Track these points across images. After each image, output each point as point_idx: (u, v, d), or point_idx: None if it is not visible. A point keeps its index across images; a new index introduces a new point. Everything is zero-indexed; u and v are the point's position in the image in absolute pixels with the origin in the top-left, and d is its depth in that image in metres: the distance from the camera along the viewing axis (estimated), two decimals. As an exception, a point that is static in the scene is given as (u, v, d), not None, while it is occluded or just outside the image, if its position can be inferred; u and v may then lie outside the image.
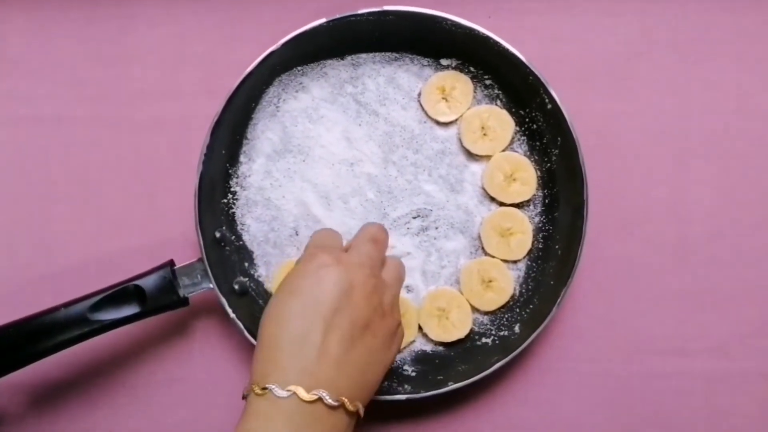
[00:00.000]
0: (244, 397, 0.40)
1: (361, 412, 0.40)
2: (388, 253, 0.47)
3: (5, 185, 0.57)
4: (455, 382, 0.51)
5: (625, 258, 0.56)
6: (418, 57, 0.57)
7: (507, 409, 0.54)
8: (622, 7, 0.58)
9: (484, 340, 0.54)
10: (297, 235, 0.56)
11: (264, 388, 0.38)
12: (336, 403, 0.38)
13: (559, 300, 0.51)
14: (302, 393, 0.37)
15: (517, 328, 0.54)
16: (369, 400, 0.41)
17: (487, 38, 0.53)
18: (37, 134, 0.58)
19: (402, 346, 0.54)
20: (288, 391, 0.37)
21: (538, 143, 0.56)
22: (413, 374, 0.54)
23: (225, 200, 0.56)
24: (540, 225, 0.56)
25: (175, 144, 0.57)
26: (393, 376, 0.53)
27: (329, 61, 0.57)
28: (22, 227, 0.57)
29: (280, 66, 0.55)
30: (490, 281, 0.54)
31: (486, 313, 0.55)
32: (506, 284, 0.54)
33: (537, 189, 0.56)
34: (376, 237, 0.45)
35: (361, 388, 0.40)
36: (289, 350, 0.39)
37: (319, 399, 0.38)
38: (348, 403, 0.39)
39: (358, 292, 0.41)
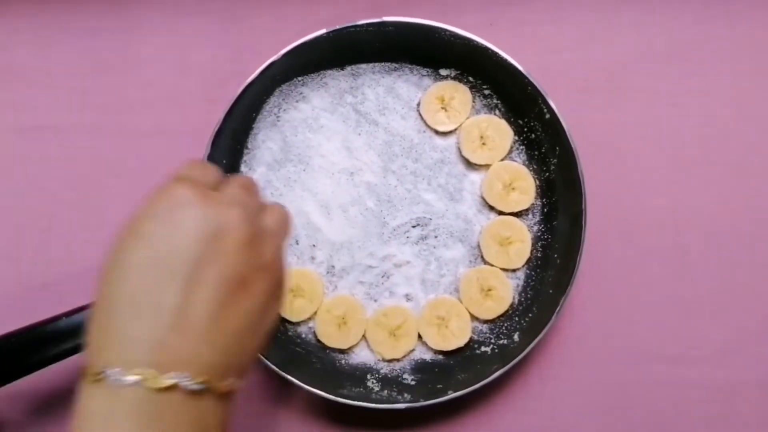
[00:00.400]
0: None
1: (236, 387, 0.31)
2: (389, 263, 0.46)
3: (8, 193, 0.58)
4: (455, 391, 0.51)
5: (623, 266, 0.56)
6: (418, 67, 0.57)
7: (507, 417, 0.55)
8: (620, 18, 0.59)
9: (483, 348, 0.55)
10: (297, 244, 0.56)
11: (99, 373, 0.27)
12: (200, 387, 0.28)
13: (558, 308, 0.52)
14: (153, 378, 0.27)
15: (516, 337, 0.54)
16: (246, 372, 0.32)
17: (486, 49, 0.53)
18: (39, 143, 0.58)
19: (401, 355, 0.54)
20: (134, 375, 0.27)
21: (536, 152, 0.56)
22: (413, 383, 0.54)
23: (226, 209, 0.56)
24: (539, 234, 0.56)
25: (176, 153, 0.57)
26: (393, 384, 0.54)
27: (329, 72, 0.57)
28: (24, 236, 0.57)
29: (281, 76, 0.56)
30: (490, 290, 0.55)
31: (485, 321, 0.55)
32: (505, 293, 0.55)
33: (536, 198, 0.56)
34: (244, 183, 0.35)
35: (237, 361, 0.31)
36: (134, 316, 0.28)
37: (176, 385, 0.28)
38: (217, 383, 0.29)
39: (230, 239, 0.31)
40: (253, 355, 0.33)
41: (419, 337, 0.55)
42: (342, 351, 0.55)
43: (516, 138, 0.57)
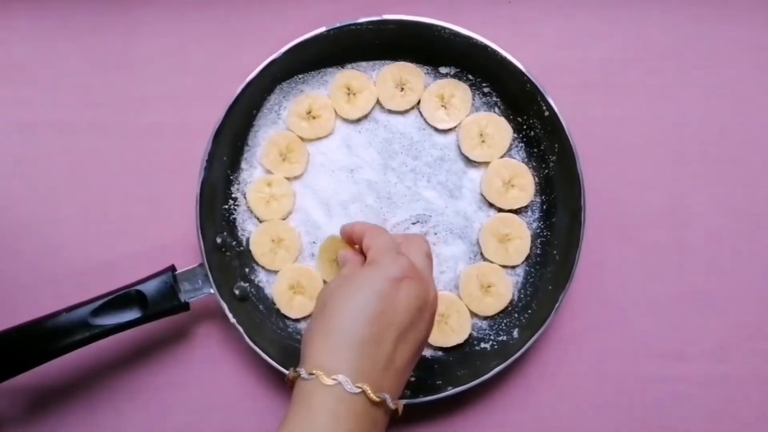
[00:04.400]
0: (291, 380, 0.40)
1: (401, 407, 0.42)
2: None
3: (8, 190, 0.58)
4: (454, 387, 0.51)
5: (622, 263, 0.56)
6: (418, 65, 0.57)
7: (506, 413, 0.55)
8: (619, 15, 0.59)
9: (482, 345, 0.55)
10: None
11: (335, 378, 0.38)
12: (394, 407, 0.40)
13: (557, 305, 0.52)
14: (371, 393, 0.38)
15: (515, 333, 0.54)
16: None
17: (486, 47, 0.53)
18: (40, 140, 0.58)
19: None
20: (358, 388, 0.38)
21: (535, 150, 0.56)
22: (412, 379, 0.54)
23: (226, 206, 0.56)
24: (538, 230, 0.56)
25: (176, 150, 0.58)
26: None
27: (329, 69, 0.57)
28: (25, 232, 0.57)
29: (281, 74, 0.56)
30: (489, 286, 0.55)
31: (485, 318, 0.55)
32: (505, 289, 0.55)
33: (535, 195, 0.56)
34: (425, 249, 0.46)
35: (402, 388, 0.42)
36: (361, 348, 0.39)
37: (384, 401, 0.39)
38: (400, 408, 0.41)
39: (429, 311, 0.42)
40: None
41: (419, 333, 0.55)
42: (342, 347, 0.55)
43: (515, 135, 0.57)
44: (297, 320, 0.56)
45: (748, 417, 0.55)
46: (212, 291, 0.52)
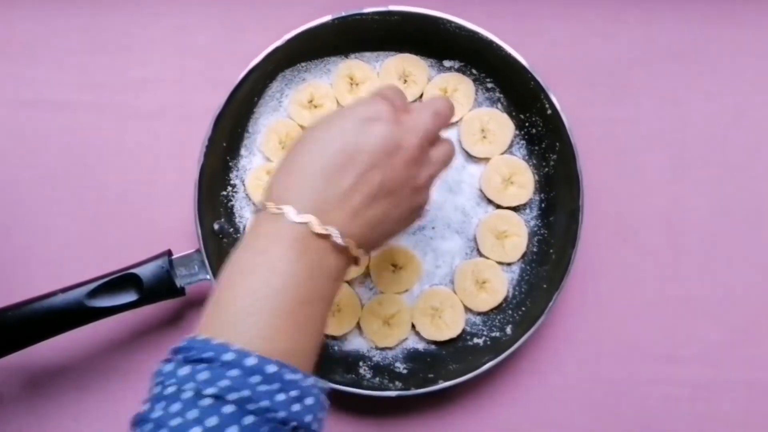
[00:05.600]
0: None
1: (362, 257, 0.40)
2: None
3: (5, 169, 0.58)
4: (445, 381, 0.52)
5: (617, 264, 0.56)
6: (422, 57, 0.57)
7: (495, 408, 0.55)
8: (625, 15, 0.58)
9: (475, 340, 0.55)
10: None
11: (279, 208, 0.37)
12: (342, 244, 0.38)
13: (551, 303, 0.52)
14: (315, 224, 0.37)
15: (508, 330, 0.54)
16: (368, 252, 0.42)
17: (491, 42, 0.53)
18: (39, 119, 0.58)
19: (394, 344, 0.55)
20: (304, 218, 0.37)
21: (536, 147, 0.56)
22: (404, 371, 0.54)
23: (224, 193, 0.56)
24: (535, 228, 0.56)
25: (176, 135, 0.58)
26: (384, 372, 0.54)
27: (333, 58, 0.57)
28: (22, 211, 0.57)
29: (284, 61, 0.56)
30: (484, 282, 0.55)
31: (479, 313, 0.56)
32: (500, 286, 0.55)
33: (534, 193, 0.56)
34: (440, 111, 0.43)
35: (367, 242, 0.40)
36: (315, 183, 0.38)
37: (329, 235, 0.37)
38: (353, 248, 0.39)
39: (401, 156, 0.40)
40: (377, 246, 0.42)
41: (413, 326, 0.55)
42: (335, 337, 0.55)
43: (517, 132, 0.57)
44: (292, 309, 0.56)
45: (737, 422, 0.55)
46: (208, 277, 0.52)
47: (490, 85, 0.57)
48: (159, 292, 0.51)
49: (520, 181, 0.55)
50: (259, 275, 0.36)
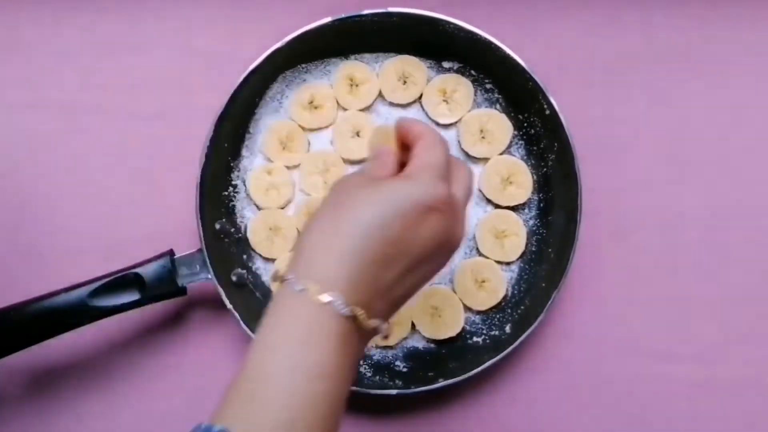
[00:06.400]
0: (278, 279, 0.36)
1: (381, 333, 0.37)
2: None
3: (10, 169, 0.58)
4: (445, 379, 0.52)
5: (616, 263, 0.57)
6: (421, 59, 0.57)
7: (495, 407, 0.55)
8: (623, 15, 0.59)
9: (475, 339, 0.55)
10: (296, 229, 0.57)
11: (326, 296, 0.34)
12: (385, 335, 0.36)
13: (549, 302, 0.52)
14: (363, 319, 0.34)
15: (507, 329, 0.55)
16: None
17: (489, 43, 0.54)
18: (42, 120, 0.58)
19: (394, 342, 0.55)
20: (351, 311, 0.34)
21: (535, 148, 0.57)
22: (405, 370, 0.55)
23: (226, 193, 0.57)
24: (534, 228, 0.57)
25: (178, 135, 0.58)
26: (385, 371, 0.54)
27: (333, 60, 0.57)
28: (25, 212, 0.58)
29: (284, 63, 0.56)
30: (483, 281, 0.55)
31: (478, 312, 0.56)
32: (499, 285, 0.55)
33: (532, 192, 0.57)
34: (471, 187, 0.41)
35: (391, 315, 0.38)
36: (366, 271, 0.35)
37: (375, 329, 0.35)
38: (389, 331, 0.37)
39: (450, 249, 0.38)
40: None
41: (413, 325, 0.56)
42: (336, 336, 0.55)
43: (515, 133, 0.57)
44: (292, 308, 0.56)
45: (734, 420, 0.55)
46: (210, 276, 0.52)
47: (488, 86, 0.57)
48: (161, 291, 0.51)
49: (519, 181, 0.56)
50: (299, 374, 0.33)
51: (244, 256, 0.56)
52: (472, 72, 0.57)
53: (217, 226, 0.55)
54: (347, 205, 0.36)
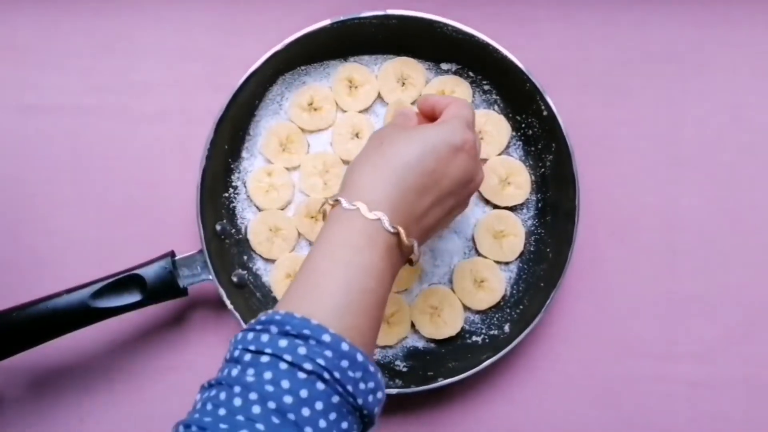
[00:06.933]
0: (329, 208, 0.42)
1: (415, 261, 0.44)
2: None
3: (10, 171, 0.58)
4: (445, 378, 0.52)
5: (613, 263, 0.57)
6: (419, 60, 0.58)
7: (494, 406, 0.56)
8: (621, 17, 0.59)
9: (474, 338, 0.56)
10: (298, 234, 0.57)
11: (376, 215, 0.40)
12: (418, 255, 0.43)
13: (548, 302, 0.53)
14: (403, 236, 0.41)
15: (506, 328, 0.55)
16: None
17: (487, 45, 0.54)
18: (43, 122, 0.59)
19: (394, 342, 0.56)
20: (394, 228, 0.40)
21: (533, 148, 0.57)
22: (404, 369, 0.55)
23: (226, 194, 0.57)
24: (532, 228, 0.57)
25: (178, 137, 0.58)
26: (384, 370, 0.55)
27: (332, 62, 0.58)
28: (27, 214, 0.58)
29: (284, 65, 0.56)
30: (482, 281, 0.56)
31: (477, 312, 0.56)
32: (498, 284, 0.56)
33: (531, 193, 0.57)
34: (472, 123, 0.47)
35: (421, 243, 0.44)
36: (405, 196, 0.41)
37: (410, 247, 0.42)
38: (416, 250, 0.43)
39: (471, 189, 0.46)
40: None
41: (412, 325, 0.56)
42: (336, 337, 0.56)
43: (513, 133, 0.57)
44: (293, 308, 0.56)
45: (733, 418, 0.56)
46: (210, 277, 0.52)
47: (486, 88, 0.58)
48: (162, 292, 0.51)
49: (517, 181, 0.56)
50: (353, 269, 0.39)
51: (245, 257, 0.57)
52: (470, 73, 0.58)
53: (218, 228, 0.55)
54: (390, 144, 0.43)
